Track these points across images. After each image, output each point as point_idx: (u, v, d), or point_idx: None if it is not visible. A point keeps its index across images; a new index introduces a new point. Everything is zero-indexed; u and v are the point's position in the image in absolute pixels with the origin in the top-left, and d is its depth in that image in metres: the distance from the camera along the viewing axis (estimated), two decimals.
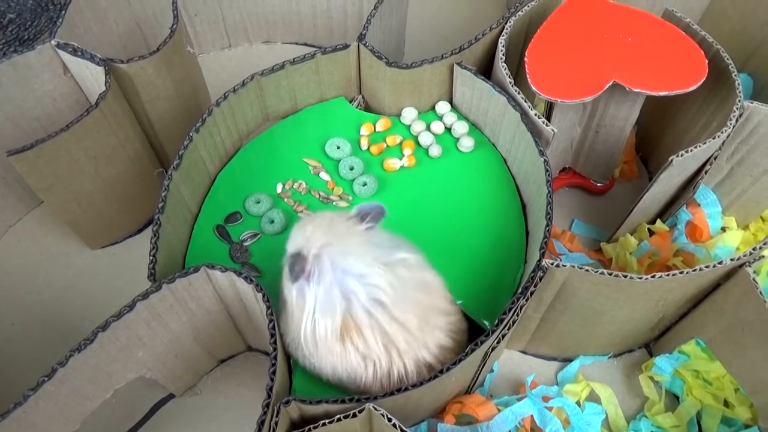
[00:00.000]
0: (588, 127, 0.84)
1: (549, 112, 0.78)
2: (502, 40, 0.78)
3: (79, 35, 0.83)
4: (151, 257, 0.64)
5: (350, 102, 0.84)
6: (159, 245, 0.65)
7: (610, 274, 0.62)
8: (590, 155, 0.87)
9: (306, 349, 0.62)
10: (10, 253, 0.88)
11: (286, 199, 0.76)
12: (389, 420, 0.55)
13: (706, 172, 0.76)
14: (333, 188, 0.77)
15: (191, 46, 0.85)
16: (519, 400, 0.71)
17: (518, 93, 0.74)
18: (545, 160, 0.70)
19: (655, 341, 0.80)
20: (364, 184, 0.77)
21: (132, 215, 0.88)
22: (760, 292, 0.62)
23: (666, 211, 0.84)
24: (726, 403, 0.74)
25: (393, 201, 0.76)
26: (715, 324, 0.68)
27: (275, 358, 0.58)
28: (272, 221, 0.74)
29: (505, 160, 0.80)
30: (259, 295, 0.61)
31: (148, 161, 0.86)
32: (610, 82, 0.72)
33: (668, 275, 0.61)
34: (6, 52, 0.78)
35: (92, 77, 0.79)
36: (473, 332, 0.69)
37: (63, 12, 0.80)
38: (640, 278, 0.62)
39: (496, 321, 0.60)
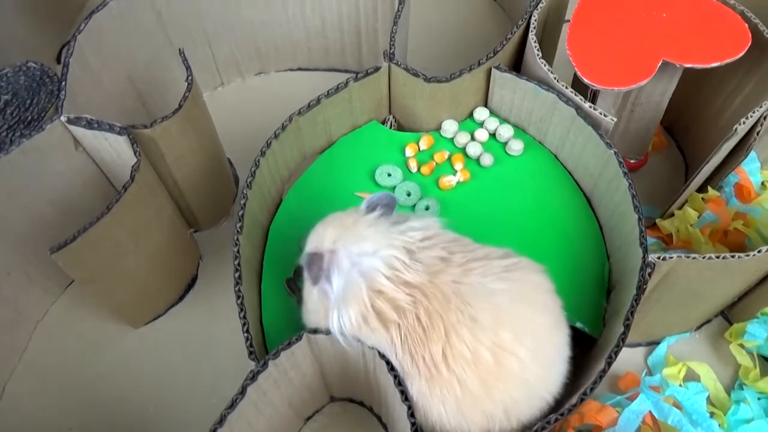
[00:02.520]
0: (623, 107, 0.82)
1: (593, 100, 0.77)
2: (532, 36, 0.75)
3: (82, 105, 0.76)
4: (245, 335, 0.59)
5: (382, 124, 0.81)
6: (248, 318, 0.60)
7: (718, 257, 0.61)
8: (625, 134, 0.86)
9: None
10: (46, 350, 0.80)
11: None
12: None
13: (758, 134, 0.76)
14: None
15: None
16: (629, 398, 0.70)
17: (567, 87, 0.72)
18: (615, 152, 0.68)
19: (730, 308, 0.80)
20: (427, 208, 0.73)
21: (172, 284, 0.82)
22: None
23: (714, 176, 0.84)
24: None
25: (459, 219, 0.72)
26: None
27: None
28: None
29: (556, 156, 0.78)
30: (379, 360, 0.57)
31: (180, 224, 0.81)
32: (660, 61, 0.71)
33: None
34: (12, 138, 0.71)
35: (111, 148, 0.72)
36: None
37: (63, 83, 0.73)
38: (748, 256, 0.61)
39: (623, 326, 0.58)
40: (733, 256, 0.61)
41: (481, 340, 0.54)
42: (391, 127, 0.81)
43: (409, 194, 0.75)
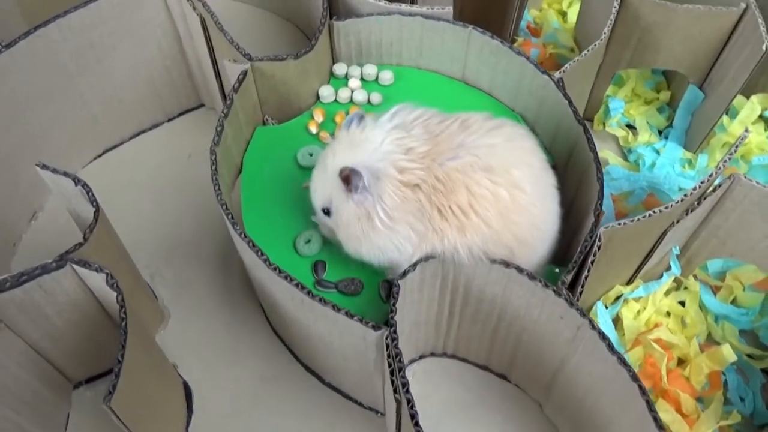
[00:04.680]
0: None
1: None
2: None
3: None
4: None
5: (265, 124, 0.81)
6: None
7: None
8: None
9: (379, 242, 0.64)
10: None
11: None
12: None
13: None
14: None
15: None
16: None
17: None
18: (472, 29, 0.78)
19: None
20: None
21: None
22: None
23: None
24: None
25: None
26: None
27: None
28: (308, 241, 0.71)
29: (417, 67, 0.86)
30: None
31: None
32: None
33: None
34: None
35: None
36: None
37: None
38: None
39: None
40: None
41: (497, 182, 0.61)
42: (275, 123, 0.81)
43: None
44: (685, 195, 0.65)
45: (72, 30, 0.81)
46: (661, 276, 0.77)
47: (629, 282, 0.78)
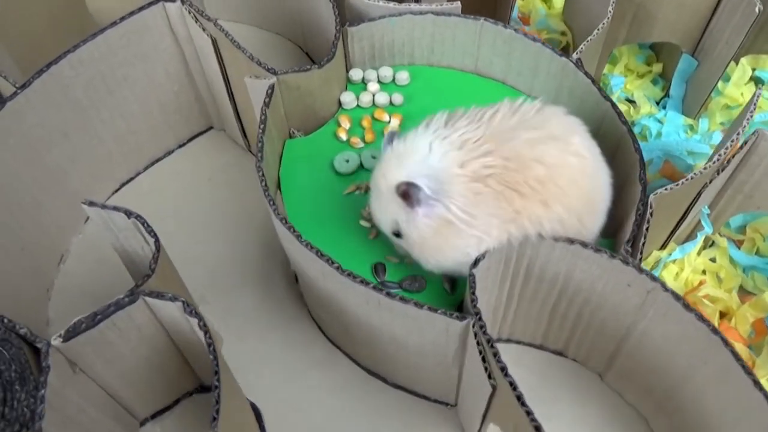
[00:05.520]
0: None
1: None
2: None
3: None
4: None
5: (292, 137, 0.81)
6: None
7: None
8: None
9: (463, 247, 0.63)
10: None
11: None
12: None
13: None
14: None
15: None
16: None
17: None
18: (484, 21, 0.81)
19: None
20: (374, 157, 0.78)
21: None
22: None
23: None
24: None
25: None
26: None
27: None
28: None
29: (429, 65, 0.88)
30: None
31: None
32: None
33: None
34: None
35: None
36: None
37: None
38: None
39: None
40: None
41: (564, 149, 0.63)
42: (301, 135, 0.81)
43: (374, 157, 0.78)
44: (718, 156, 0.68)
45: (83, 64, 0.79)
46: (695, 236, 0.80)
47: (662, 247, 0.81)
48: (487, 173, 0.60)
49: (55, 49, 0.78)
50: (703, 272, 0.81)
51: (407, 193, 0.60)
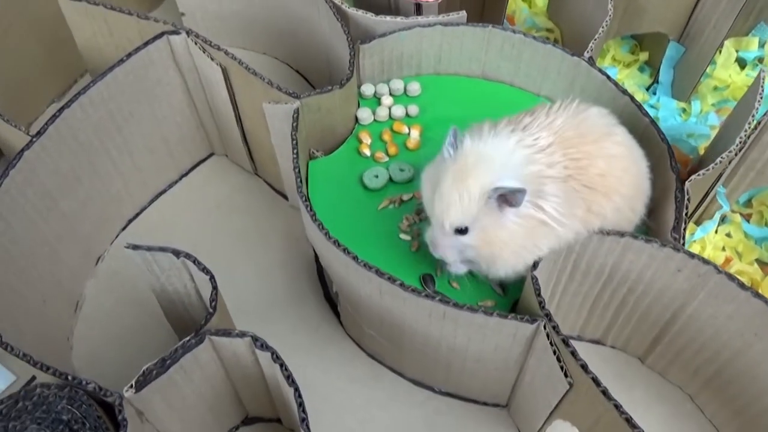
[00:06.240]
0: None
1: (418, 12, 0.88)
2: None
3: None
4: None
5: (312, 158, 0.80)
6: None
7: None
8: None
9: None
10: None
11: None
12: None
13: None
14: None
15: None
16: None
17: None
18: (491, 27, 0.82)
19: None
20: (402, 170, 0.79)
21: None
22: None
23: None
24: None
25: None
26: None
27: None
28: None
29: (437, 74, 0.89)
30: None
31: None
32: None
33: None
34: None
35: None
36: None
37: None
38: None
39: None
40: None
41: (614, 141, 0.67)
42: (321, 155, 0.81)
43: (402, 170, 0.79)
44: (740, 139, 0.71)
45: (93, 104, 0.77)
46: (712, 215, 0.84)
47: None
48: (567, 173, 0.63)
49: (41, 89, 0.75)
50: (723, 248, 0.84)
51: (505, 196, 0.61)
